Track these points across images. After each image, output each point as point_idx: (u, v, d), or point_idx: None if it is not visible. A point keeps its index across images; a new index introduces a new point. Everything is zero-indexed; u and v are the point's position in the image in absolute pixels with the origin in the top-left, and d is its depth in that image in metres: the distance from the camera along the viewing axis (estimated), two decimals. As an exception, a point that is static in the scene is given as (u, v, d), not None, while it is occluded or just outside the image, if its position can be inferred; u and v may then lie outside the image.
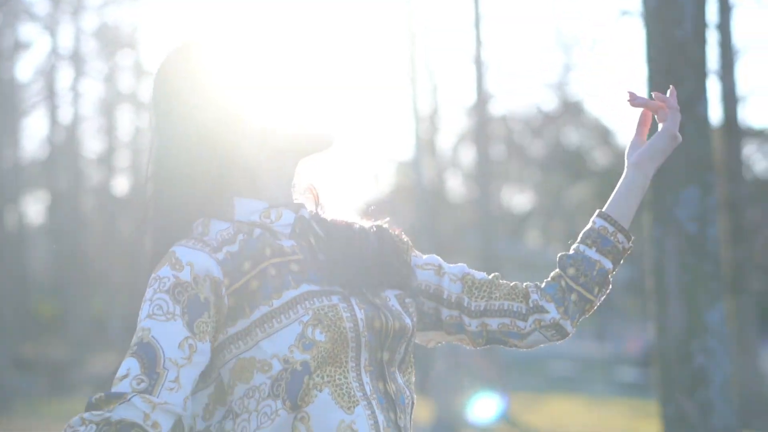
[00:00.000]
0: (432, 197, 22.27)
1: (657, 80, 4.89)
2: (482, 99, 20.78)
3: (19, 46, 26.52)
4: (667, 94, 2.49)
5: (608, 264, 2.49)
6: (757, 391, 15.07)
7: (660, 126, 2.50)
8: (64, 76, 32.16)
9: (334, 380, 2.14)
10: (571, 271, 2.46)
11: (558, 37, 39.87)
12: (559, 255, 2.49)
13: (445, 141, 33.64)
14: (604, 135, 41.76)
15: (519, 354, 28.96)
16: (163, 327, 2.08)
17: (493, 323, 2.45)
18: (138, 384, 2.03)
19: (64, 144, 29.50)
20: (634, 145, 2.51)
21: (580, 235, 2.49)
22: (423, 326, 2.49)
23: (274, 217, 2.28)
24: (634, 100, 2.46)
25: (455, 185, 37.02)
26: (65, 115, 29.60)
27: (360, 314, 2.22)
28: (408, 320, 2.34)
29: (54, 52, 27.70)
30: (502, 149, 34.64)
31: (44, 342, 28.17)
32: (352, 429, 2.13)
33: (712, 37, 14.11)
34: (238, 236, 2.20)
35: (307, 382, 2.11)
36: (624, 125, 61.31)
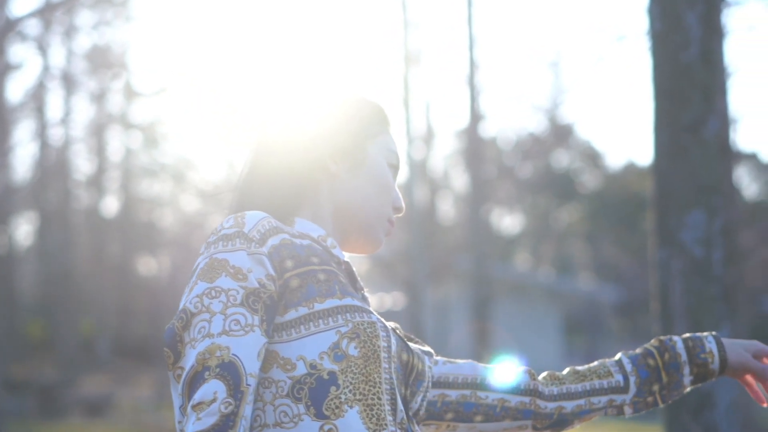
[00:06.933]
0: (425, 220, 22.27)
1: (663, 103, 4.90)
2: (475, 121, 20.78)
3: (9, 68, 26.47)
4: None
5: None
6: (748, 415, 15.04)
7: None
8: (55, 97, 32.19)
9: (366, 399, 2.11)
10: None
11: (551, 60, 39.91)
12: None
13: (437, 163, 33.67)
14: (593, 158, 41.87)
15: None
16: (242, 342, 2.05)
17: None
18: (226, 408, 2.00)
19: (54, 165, 29.46)
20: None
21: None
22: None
23: (330, 244, 2.31)
24: None
25: (445, 207, 37.06)
26: (56, 137, 29.59)
27: (394, 339, 2.23)
28: (427, 369, 2.39)
29: (45, 73, 27.68)
30: (492, 171, 34.71)
31: (34, 363, 28.09)
32: None
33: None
34: (281, 235, 2.19)
35: (336, 394, 2.08)
36: (613, 148, 61.47)
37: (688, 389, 2.55)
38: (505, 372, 2.59)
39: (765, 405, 2.55)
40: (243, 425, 2.02)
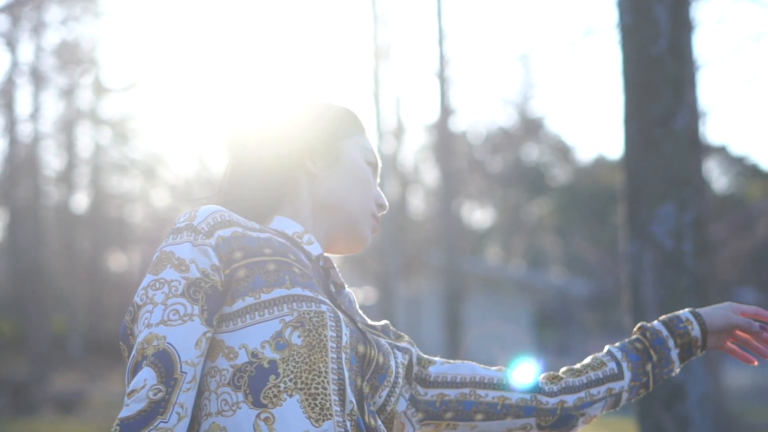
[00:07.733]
0: (396, 214, 22.27)
1: (632, 96, 4.91)
2: (445, 115, 20.79)
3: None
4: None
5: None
6: (720, 407, 15.13)
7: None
8: (24, 93, 32.02)
9: (309, 389, 2.10)
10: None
11: (521, 54, 40.00)
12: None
13: (408, 158, 33.68)
14: (563, 152, 41.98)
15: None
16: (179, 331, 2.08)
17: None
18: (155, 394, 2.02)
19: (23, 161, 29.30)
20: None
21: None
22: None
23: (307, 240, 2.34)
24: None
25: (416, 202, 37.08)
26: (25, 133, 29.43)
27: (345, 330, 2.21)
28: (393, 363, 2.36)
29: (14, 69, 27.53)
30: (462, 165, 34.75)
31: (5, 360, 27.95)
32: None
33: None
34: (233, 227, 2.21)
35: (275, 383, 2.08)
36: (583, 142, 61.66)
37: (678, 369, 2.59)
38: (504, 371, 2.60)
39: (756, 363, 2.60)
40: (177, 412, 2.04)
